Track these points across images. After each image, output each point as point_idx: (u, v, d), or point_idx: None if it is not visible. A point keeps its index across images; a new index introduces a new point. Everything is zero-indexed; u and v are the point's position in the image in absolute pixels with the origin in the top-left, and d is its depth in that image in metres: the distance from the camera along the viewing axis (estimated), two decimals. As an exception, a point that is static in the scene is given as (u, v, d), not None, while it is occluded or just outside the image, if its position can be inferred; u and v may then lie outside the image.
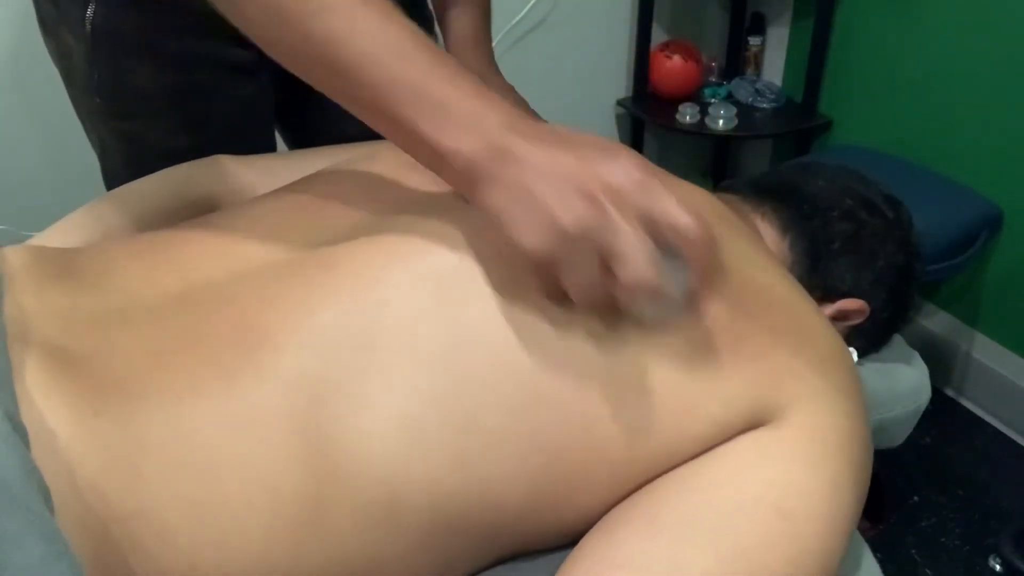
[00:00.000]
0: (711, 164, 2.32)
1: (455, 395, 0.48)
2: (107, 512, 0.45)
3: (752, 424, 0.50)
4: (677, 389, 0.50)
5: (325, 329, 0.50)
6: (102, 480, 0.45)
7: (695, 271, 0.48)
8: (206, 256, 0.57)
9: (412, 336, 0.49)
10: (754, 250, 0.60)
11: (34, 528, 0.40)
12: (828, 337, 0.56)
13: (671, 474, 0.50)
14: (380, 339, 0.49)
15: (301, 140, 1.02)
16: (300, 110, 0.98)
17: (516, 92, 0.87)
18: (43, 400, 0.46)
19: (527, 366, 0.49)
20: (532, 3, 1.87)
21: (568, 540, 0.52)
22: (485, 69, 0.88)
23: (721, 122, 1.92)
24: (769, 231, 0.69)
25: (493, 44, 0.91)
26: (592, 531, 0.50)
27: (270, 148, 0.96)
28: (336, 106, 0.76)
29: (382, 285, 0.51)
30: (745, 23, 2.09)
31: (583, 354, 0.50)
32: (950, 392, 1.76)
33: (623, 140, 2.09)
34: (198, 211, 0.70)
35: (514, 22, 1.87)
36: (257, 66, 0.86)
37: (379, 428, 0.48)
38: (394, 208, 0.59)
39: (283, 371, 0.48)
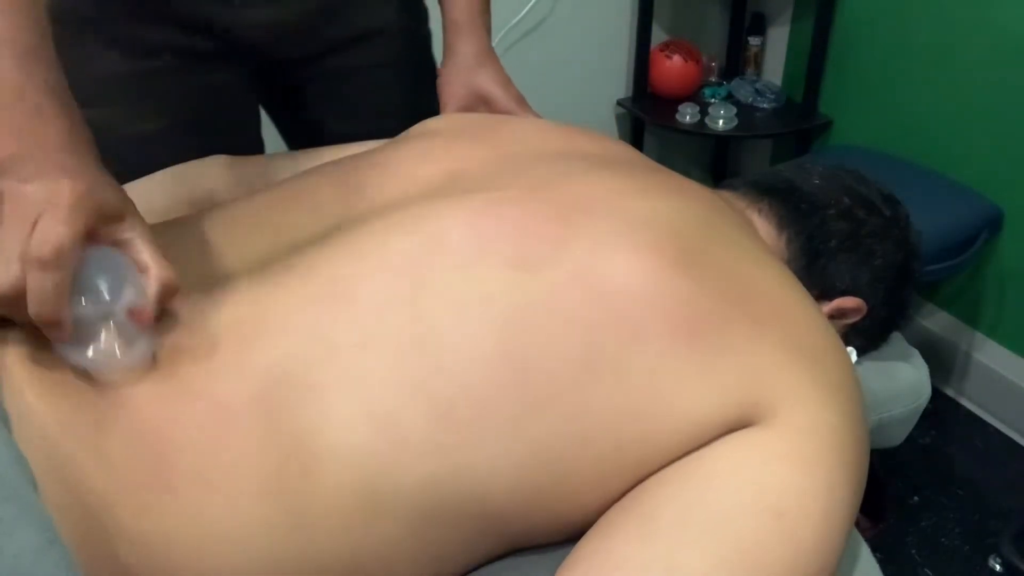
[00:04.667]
0: (711, 164, 2.32)
1: (427, 386, 0.49)
2: (86, 495, 0.46)
3: (741, 419, 0.50)
4: (656, 375, 0.50)
5: (281, 322, 0.51)
6: (78, 462, 0.46)
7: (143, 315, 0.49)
8: (180, 258, 0.59)
9: (372, 329, 0.50)
10: (747, 241, 0.60)
11: (26, 517, 0.41)
12: (819, 331, 0.55)
13: (665, 473, 0.50)
14: (337, 331, 0.50)
15: (291, 139, 1.01)
16: (285, 106, 0.97)
17: (512, 84, 0.87)
18: (22, 388, 0.48)
19: (496, 357, 0.50)
20: (532, 3, 1.87)
21: (563, 536, 0.52)
22: (481, 54, 0.87)
23: (721, 122, 1.92)
24: (766, 227, 0.69)
25: (493, 45, 0.90)
26: (591, 531, 0.50)
27: (253, 139, 0.95)
28: (322, 104, 0.76)
29: (344, 281, 0.52)
30: (745, 23, 2.09)
31: (557, 344, 0.50)
32: (950, 392, 1.76)
33: (623, 140, 2.09)
34: (198, 210, 0.71)
35: (514, 22, 1.87)
36: (226, 54, 0.85)
37: (340, 414, 0.48)
38: (375, 204, 0.60)
39: (246, 364, 0.50)
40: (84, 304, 0.48)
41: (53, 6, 0.60)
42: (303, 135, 0.97)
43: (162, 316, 0.51)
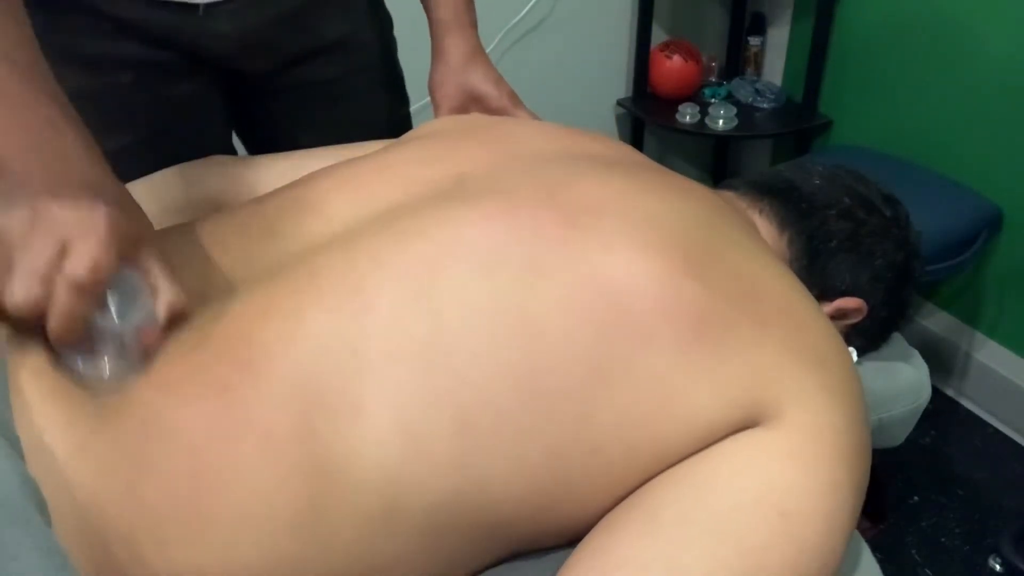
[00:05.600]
0: (711, 164, 2.32)
1: (447, 397, 0.49)
2: (107, 527, 0.45)
3: (746, 420, 0.50)
4: (663, 377, 0.50)
5: (316, 338, 0.50)
6: (101, 495, 0.45)
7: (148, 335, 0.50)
8: (195, 265, 0.58)
9: (398, 339, 0.50)
10: (749, 242, 0.60)
11: (31, 541, 0.40)
12: (822, 332, 0.55)
13: (669, 473, 0.50)
14: (367, 344, 0.50)
15: (256, 150, 0.98)
16: (250, 117, 0.95)
17: (504, 82, 0.86)
18: (40, 416, 0.46)
19: (514, 365, 0.49)
20: (532, 3, 1.87)
21: (568, 540, 0.52)
22: (471, 52, 0.86)
23: (721, 122, 1.92)
24: (767, 227, 0.69)
25: (493, 45, 0.90)
26: (593, 531, 0.50)
27: (223, 150, 0.92)
28: (287, 115, 0.74)
29: (366, 290, 0.52)
30: (745, 23, 2.09)
31: (569, 347, 0.50)
32: (950, 392, 1.76)
33: (623, 140, 2.09)
34: (199, 212, 0.70)
35: (514, 22, 1.87)
36: (190, 67, 0.83)
37: (374, 433, 0.48)
38: (382, 208, 0.60)
39: (277, 382, 0.48)
40: (97, 318, 0.48)
41: None
42: (273, 150, 0.93)
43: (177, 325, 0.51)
